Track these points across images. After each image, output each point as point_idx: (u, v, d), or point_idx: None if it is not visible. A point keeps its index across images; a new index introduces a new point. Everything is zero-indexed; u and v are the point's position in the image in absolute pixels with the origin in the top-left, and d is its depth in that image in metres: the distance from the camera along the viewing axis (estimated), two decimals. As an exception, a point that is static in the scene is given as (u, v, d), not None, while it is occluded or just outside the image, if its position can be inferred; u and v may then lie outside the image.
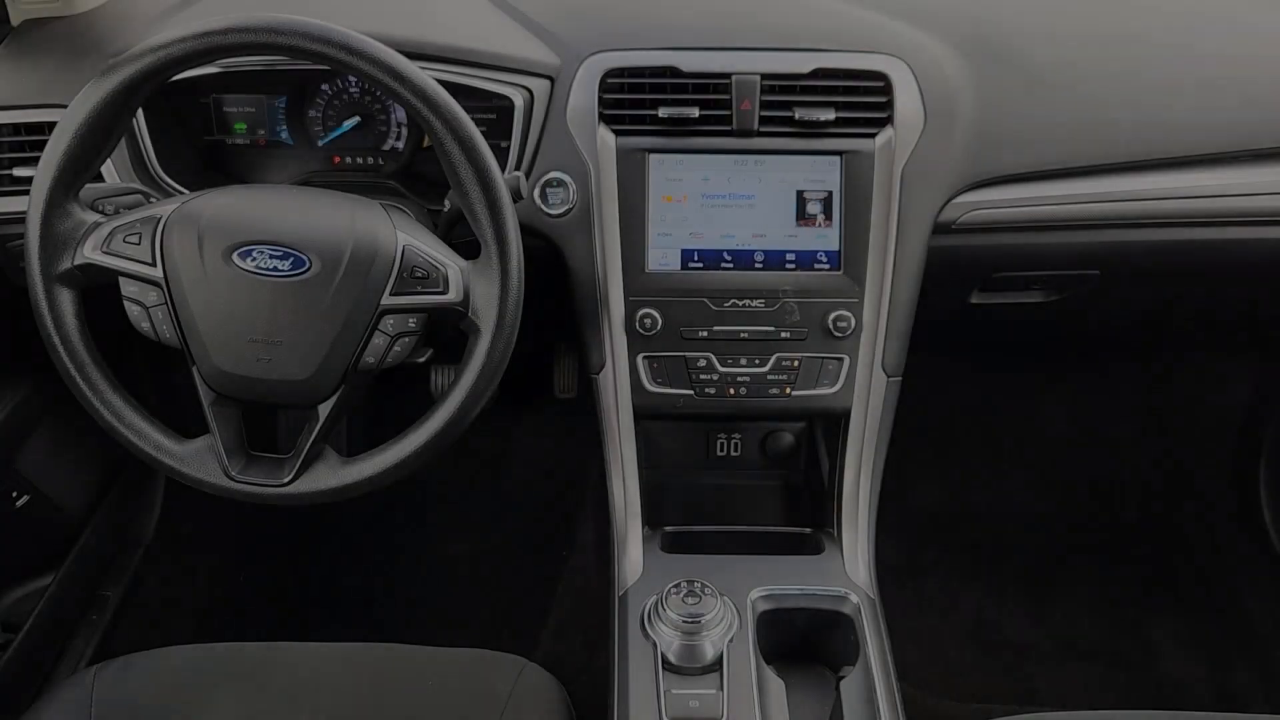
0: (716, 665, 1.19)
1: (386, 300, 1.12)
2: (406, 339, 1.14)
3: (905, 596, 2.13)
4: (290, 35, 1.05)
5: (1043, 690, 1.93)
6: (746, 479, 1.70)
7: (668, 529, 1.48)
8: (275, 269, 1.10)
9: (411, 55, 1.31)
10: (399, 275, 1.12)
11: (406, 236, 1.14)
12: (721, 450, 1.68)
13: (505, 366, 1.16)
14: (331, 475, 1.17)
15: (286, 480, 1.16)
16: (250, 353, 1.12)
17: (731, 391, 1.40)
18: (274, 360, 1.12)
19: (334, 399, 1.15)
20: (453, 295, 1.13)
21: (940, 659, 1.99)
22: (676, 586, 1.23)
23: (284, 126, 1.51)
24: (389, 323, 1.13)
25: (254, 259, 1.10)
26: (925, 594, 2.14)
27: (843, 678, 1.24)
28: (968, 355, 2.41)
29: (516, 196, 1.24)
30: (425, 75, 1.09)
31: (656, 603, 1.23)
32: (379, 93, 1.47)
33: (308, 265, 1.10)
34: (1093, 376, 2.39)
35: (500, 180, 1.11)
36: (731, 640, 1.21)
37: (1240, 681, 1.93)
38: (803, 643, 1.33)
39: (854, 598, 1.31)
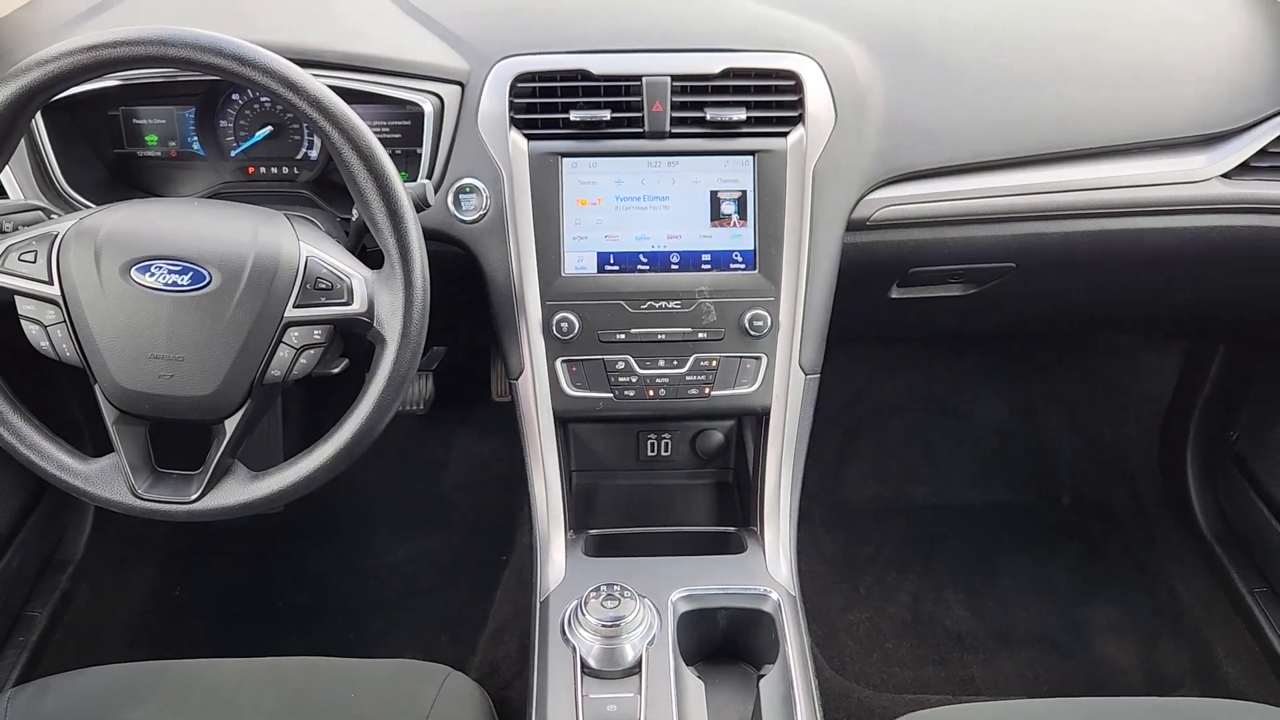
0: (636, 668, 1.19)
1: (290, 313, 1.11)
2: (312, 351, 1.13)
3: (843, 590, 2.14)
4: (180, 47, 1.03)
5: (978, 679, 1.95)
6: (678, 478, 1.70)
7: (592, 532, 1.48)
8: (175, 284, 1.09)
9: (316, 64, 1.32)
10: (302, 287, 1.11)
11: (310, 247, 1.13)
12: (652, 451, 1.68)
13: (413, 376, 1.15)
14: (240, 490, 1.16)
15: (194, 497, 1.14)
16: (152, 369, 1.10)
17: (651, 393, 1.40)
18: (176, 376, 1.10)
19: (240, 413, 1.14)
20: (357, 306, 1.12)
21: (877, 651, 2.01)
22: (596, 590, 1.23)
23: (195, 138, 1.49)
24: (293, 335, 1.12)
25: (153, 274, 1.09)
26: (862, 587, 2.15)
27: (763, 676, 1.24)
28: (900, 349, 2.44)
29: (423, 205, 1.23)
30: (321, 85, 1.08)
31: (577, 608, 1.23)
32: None
33: (208, 279, 1.09)
34: (1023, 366, 2.42)
35: (400, 189, 1.10)
36: (651, 642, 1.21)
37: (1170, 663, 1.97)
38: (726, 642, 1.34)
39: (774, 595, 1.31)
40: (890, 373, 2.46)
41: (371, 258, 1.17)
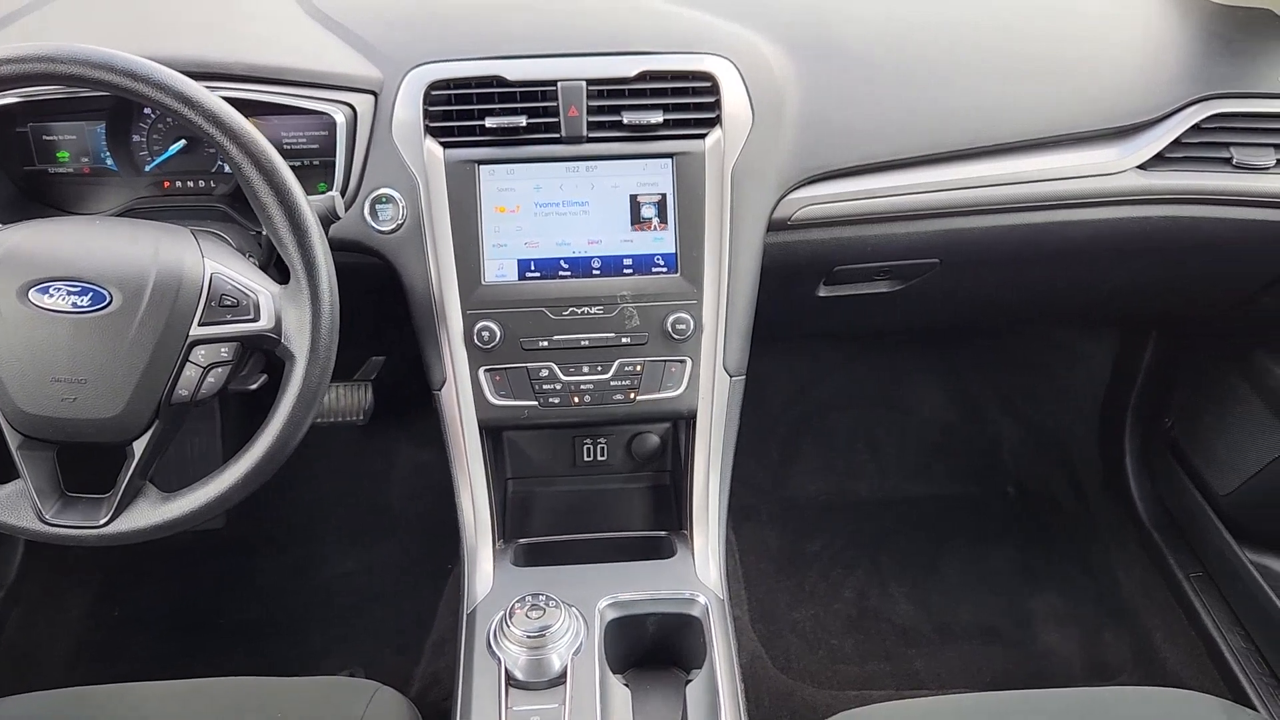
0: (562, 678, 1.18)
1: (195, 331, 1.09)
2: (220, 369, 1.11)
3: (788, 587, 2.15)
4: (70, 64, 1.01)
5: (922, 672, 1.96)
6: (614, 483, 1.70)
7: (522, 541, 1.47)
8: (75, 305, 1.06)
9: (224, 76, 1.30)
10: (207, 304, 1.09)
11: (215, 264, 1.11)
12: (588, 456, 1.67)
13: (325, 392, 1.14)
14: (152, 513, 1.14)
15: (104, 521, 1.12)
16: (55, 392, 1.08)
17: (576, 400, 1.39)
18: (80, 399, 1.08)
19: (149, 435, 1.12)
20: (264, 322, 1.10)
21: (823, 648, 2.01)
22: (521, 601, 1.22)
23: (107, 154, 1.46)
24: (200, 354, 1.10)
25: (52, 295, 1.06)
26: (808, 584, 2.16)
27: (689, 681, 1.24)
28: (843, 345, 2.44)
29: (333, 217, 1.22)
30: (217, 99, 1.06)
31: (502, 619, 1.22)
32: None
33: (109, 299, 1.07)
34: (964, 359, 2.44)
35: (304, 203, 1.09)
36: (578, 652, 1.21)
37: (1110, 651, 1.98)
38: (656, 648, 1.33)
39: (702, 599, 1.31)
40: (833, 369, 2.47)
41: (285, 272, 1.16)
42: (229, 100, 1.14)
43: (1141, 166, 1.46)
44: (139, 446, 1.12)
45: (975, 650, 2.00)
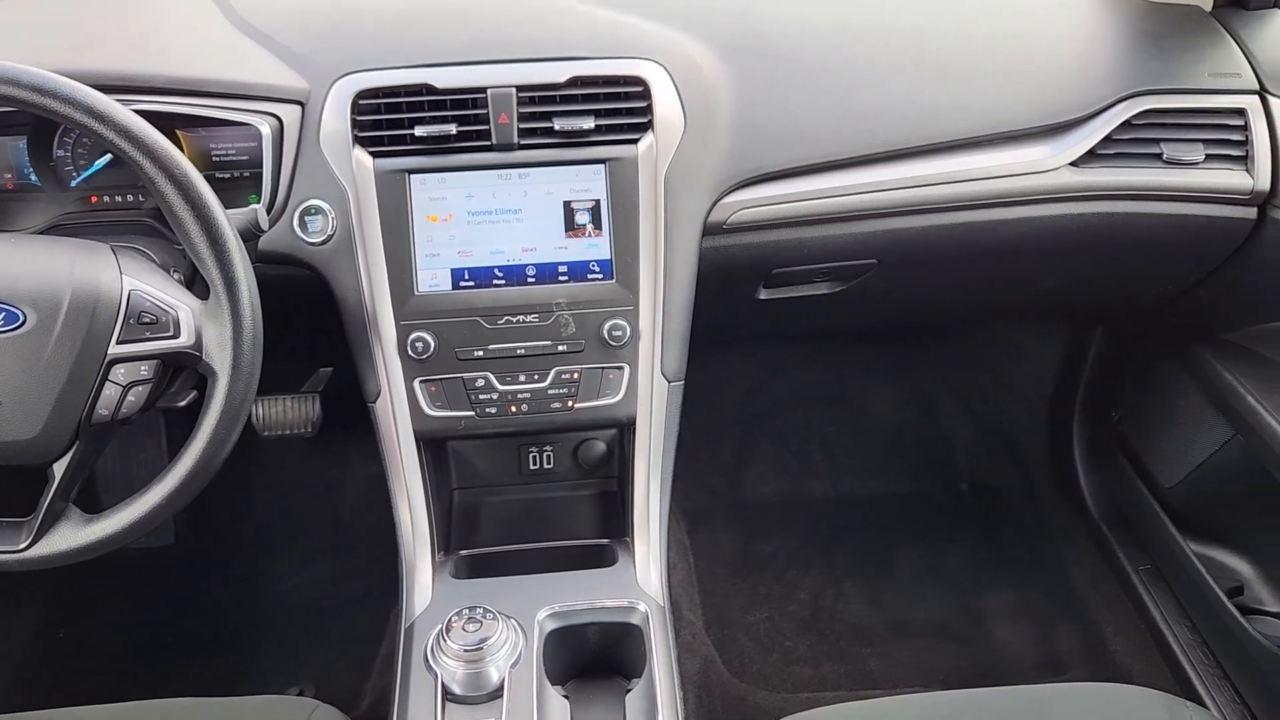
0: (500, 692, 1.17)
1: (114, 349, 1.07)
2: (140, 387, 1.09)
3: (743, 590, 2.14)
4: None
5: (875, 672, 1.96)
6: (562, 490, 1.68)
7: (463, 553, 1.45)
8: None
9: (145, 90, 1.28)
10: (125, 322, 1.07)
11: (133, 280, 1.09)
12: (534, 464, 1.66)
13: (249, 409, 1.12)
14: (74, 535, 1.11)
15: (24, 545, 1.10)
16: (-32, 415, 1.06)
17: (513, 409, 1.38)
18: (-5, 421, 1.06)
19: (69, 456, 1.10)
20: (184, 339, 1.08)
21: (776, 650, 2.01)
22: (459, 614, 1.21)
23: (30, 169, 1.44)
24: (119, 372, 1.08)
25: None
26: (762, 586, 2.15)
27: (629, 690, 1.23)
28: (794, 345, 2.45)
29: (256, 230, 1.21)
30: (130, 114, 1.04)
31: (439, 633, 1.21)
32: None
33: (22, 319, 1.05)
34: (914, 357, 2.45)
35: (221, 217, 1.07)
36: (516, 664, 1.19)
37: (1062, 645, 1.99)
38: (598, 657, 1.32)
39: (642, 607, 1.30)
40: (785, 369, 2.47)
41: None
42: (151, 114, 1.12)
43: (1074, 163, 1.46)
44: (59, 468, 1.10)
45: (928, 648, 2.00)
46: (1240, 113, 1.48)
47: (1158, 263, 1.64)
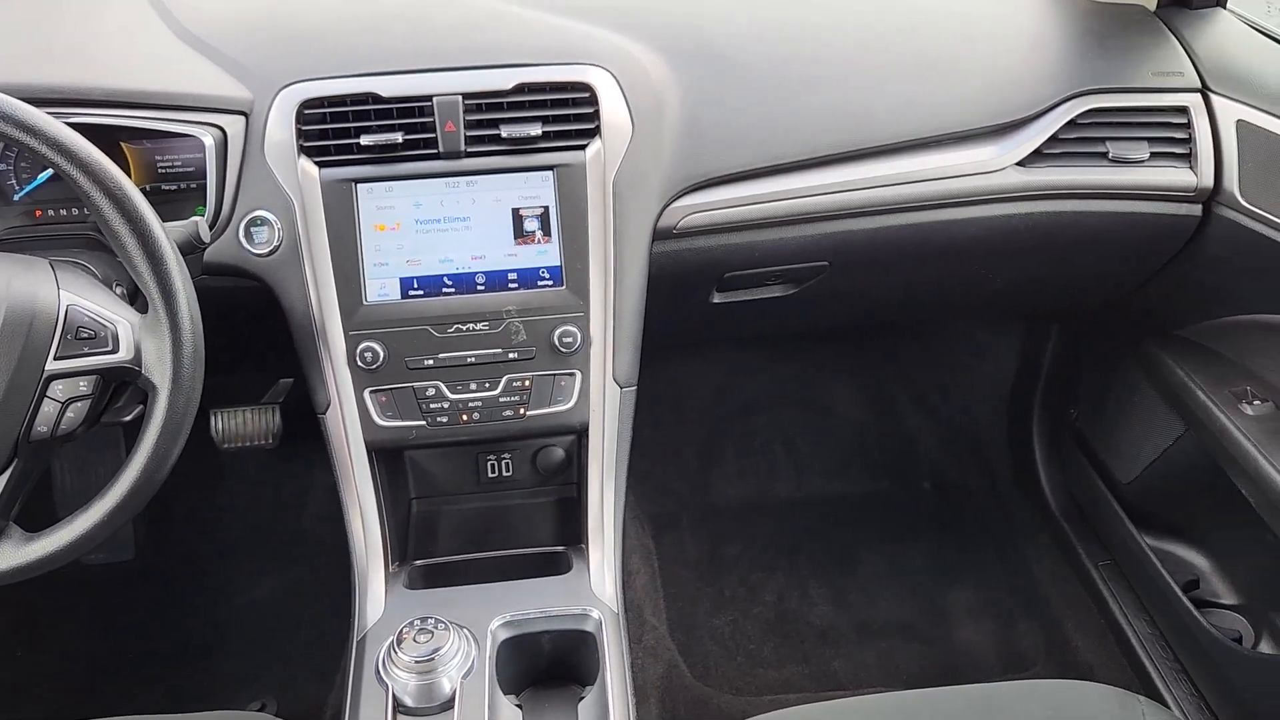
0: (451, 702, 1.17)
1: (51, 365, 1.06)
2: (80, 403, 1.08)
3: (708, 594, 2.14)
4: None
5: (840, 673, 1.97)
6: (520, 498, 1.68)
7: (417, 563, 1.45)
8: None
9: (83, 102, 1.27)
10: (63, 337, 1.06)
11: (71, 295, 1.08)
12: (492, 472, 1.65)
13: (191, 423, 1.11)
14: (14, 554, 1.10)
15: None
16: (-95, 433, 1.05)
17: (465, 418, 1.37)
18: (-68, 439, 1.05)
19: (8, 474, 1.08)
20: (123, 354, 1.07)
21: (741, 653, 2.01)
22: (410, 625, 1.20)
23: None
24: (57, 388, 1.07)
25: None
26: (728, 589, 2.15)
27: (583, 698, 1.23)
28: (757, 348, 2.45)
29: (197, 244, 1.20)
30: (63, 127, 1.03)
31: (391, 645, 1.20)
32: None
33: None
34: (876, 357, 2.45)
35: (158, 229, 1.06)
36: (468, 674, 1.19)
37: (1025, 642, 2.00)
38: (554, 665, 1.32)
39: (596, 614, 1.30)
40: (749, 372, 2.48)
41: None
42: (92, 127, 1.12)
43: (1021, 163, 1.47)
44: None
45: (892, 648, 2.01)
46: (1183, 111, 1.50)
47: (1106, 261, 1.65)
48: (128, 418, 1.22)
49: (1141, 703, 1.20)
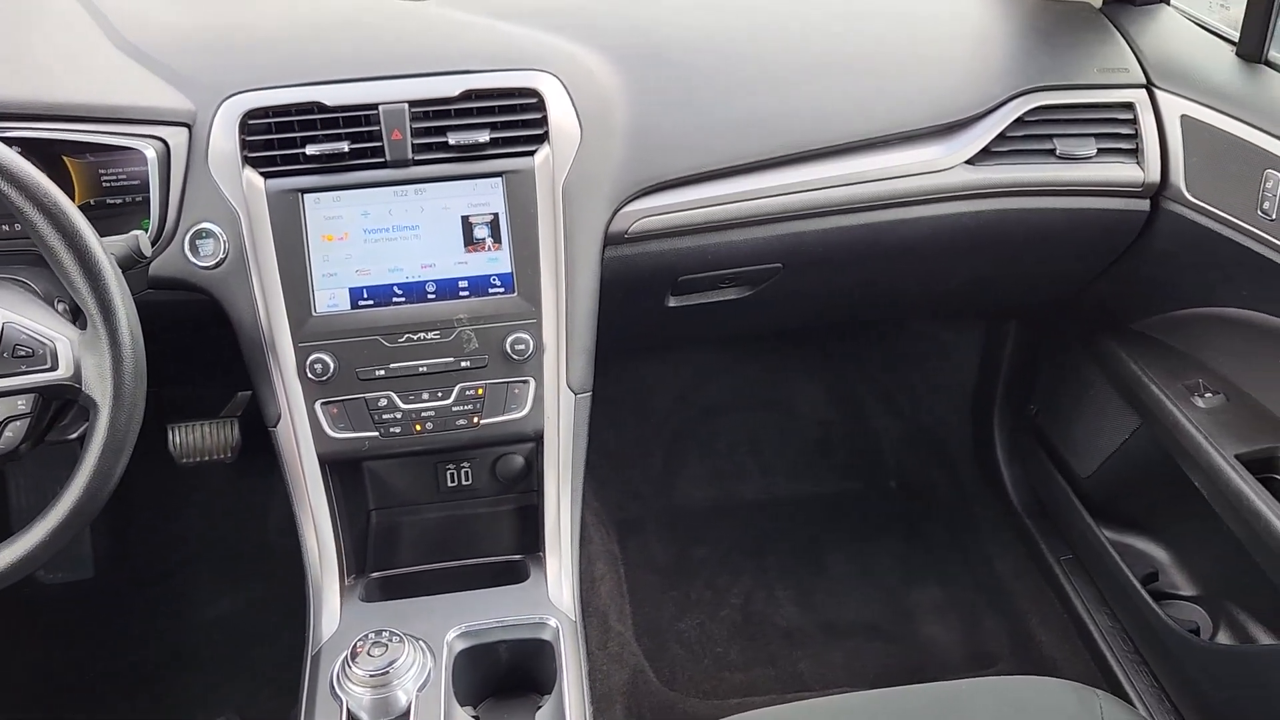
0: (407, 715, 1.16)
1: None
2: (19, 422, 1.07)
3: (674, 598, 2.13)
4: None
5: (807, 674, 1.96)
6: (481, 507, 1.67)
7: (374, 575, 1.43)
8: None
9: (18, 117, 1.25)
10: (0, 356, 1.05)
11: (8, 313, 1.07)
12: (452, 481, 1.64)
13: (134, 440, 1.09)
14: None
15: None
16: None
17: (418, 428, 1.36)
18: None
19: None
20: (62, 371, 1.06)
21: (708, 656, 2.01)
22: (364, 639, 1.19)
23: None
24: None
25: None
26: (694, 593, 2.15)
27: (540, 707, 1.22)
28: (719, 349, 2.45)
29: (138, 258, 1.18)
30: None
31: (345, 659, 1.19)
32: None
33: None
34: (840, 357, 2.46)
35: (94, 244, 1.05)
36: (424, 686, 1.18)
37: (989, 639, 2.01)
38: (512, 674, 1.31)
39: (553, 622, 1.29)
40: (713, 374, 2.47)
41: None
42: (30, 141, 1.10)
43: (969, 161, 1.48)
44: None
45: (859, 648, 2.01)
46: (1129, 106, 1.51)
47: (1057, 257, 1.66)
48: (73, 435, 1.21)
49: (1099, 697, 1.20)
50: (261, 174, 1.31)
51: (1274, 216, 1.34)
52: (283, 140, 1.31)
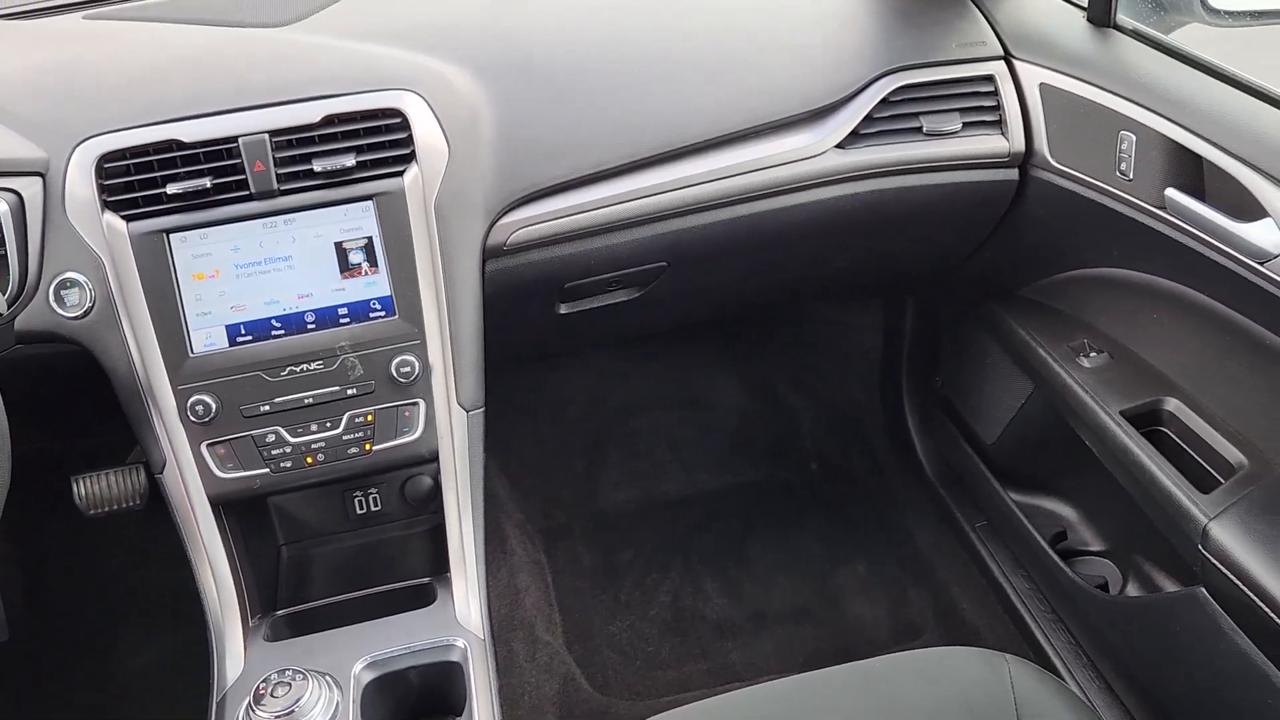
0: (316, 753, 1.14)
1: None
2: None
3: (604, 602, 2.13)
4: None
5: (738, 664, 1.97)
6: (395, 530, 1.65)
7: (279, 614, 1.41)
8: None
9: None
10: None
11: None
12: (361, 508, 1.62)
13: (5, 493, 1.07)
14: None
15: None
16: None
17: (310, 460, 1.35)
18: None
19: None
20: None
21: (640, 657, 2.00)
22: (266, 680, 1.18)
23: None
24: None
25: None
26: (623, 594, 2.15)
27: (451, 730, 1.21)
28: (629, 350, 2.45)
29: None
30: None
31: (248, 704, 1.17)
32: None
33: None
34: (749, 346, 2.47)
35: None
36: None
37: (915, 611, 2.03)
38: (426, 699, 1.30)
39: (460, 643, 1.28)
40: (624, 376, 2.47)
41: None
42: None
43: (839, 145, 1.50)
44: None
45: (788, 634, 2.02)
46: (989, 79, 1.53)
47: (937, 232, 1.68)
48: None
49: (1009, 661, 1.22)
50: (123, 217, 1.28)
51: (1131, 177, 1.37)
52: (142, 181, 1.29)
